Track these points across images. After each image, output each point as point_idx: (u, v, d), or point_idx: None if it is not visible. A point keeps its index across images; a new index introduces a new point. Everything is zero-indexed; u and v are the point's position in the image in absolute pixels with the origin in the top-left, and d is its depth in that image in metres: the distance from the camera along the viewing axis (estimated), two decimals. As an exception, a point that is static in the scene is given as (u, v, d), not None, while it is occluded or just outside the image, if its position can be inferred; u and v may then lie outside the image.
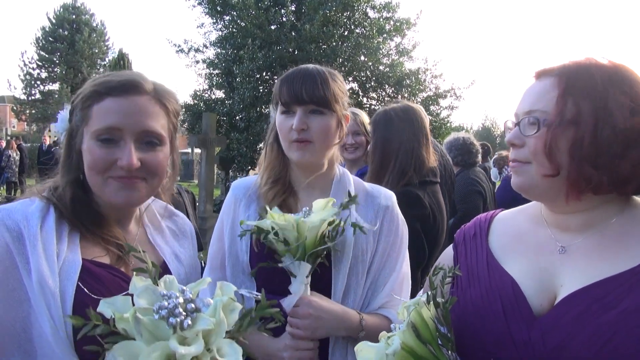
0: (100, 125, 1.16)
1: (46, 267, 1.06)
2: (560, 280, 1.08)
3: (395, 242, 1.59)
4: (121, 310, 0.90)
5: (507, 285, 1.11)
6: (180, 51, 16.65)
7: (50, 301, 1.04)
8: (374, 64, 16.05)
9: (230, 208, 1.64)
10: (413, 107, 2.56)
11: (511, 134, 1.13)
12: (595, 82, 1.03)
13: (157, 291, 0.93)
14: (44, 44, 34.66)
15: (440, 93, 16.52)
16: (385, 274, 1.57)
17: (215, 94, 16.78)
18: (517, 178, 1.13)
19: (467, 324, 1.12)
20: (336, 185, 1.61)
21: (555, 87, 1.06)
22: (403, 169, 2.39)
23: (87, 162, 1.17)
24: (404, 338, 1.04)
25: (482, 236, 1.26)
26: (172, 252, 1.37)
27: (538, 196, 1.15)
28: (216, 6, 15.87)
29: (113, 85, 1.18)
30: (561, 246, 1.12)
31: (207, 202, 8.81)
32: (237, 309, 0.97)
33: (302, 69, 1.54)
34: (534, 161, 1.08)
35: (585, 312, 0.99)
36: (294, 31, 14.96)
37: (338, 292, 1.48)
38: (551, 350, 1.00)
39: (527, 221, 1.24)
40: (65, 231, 1.15)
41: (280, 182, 1.58)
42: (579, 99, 1.03)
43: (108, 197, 1.18)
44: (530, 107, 1.09)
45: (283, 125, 1.52)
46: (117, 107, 1.17)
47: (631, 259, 1.02)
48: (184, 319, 0.88)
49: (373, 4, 16.31)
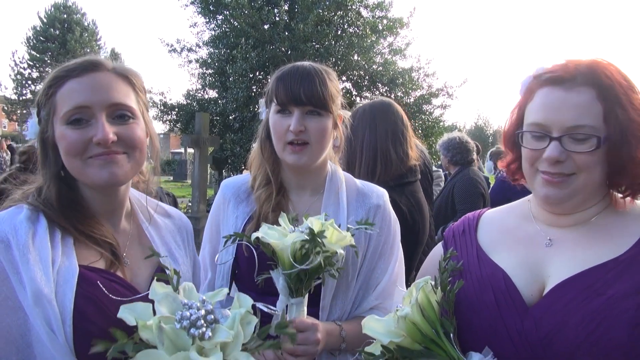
0: (68, 107, 1.12)
1: (41, 275, 1.05)
2: (548, 272, 1.12)
3: (387, 241, 1.58)
4: (142, 316, 0.91)
5: (498, 277, 1.15)
6: (172, 51, 16.57)
7: (47, 309, 1.03)
8: (367, 63, 16.06)
9: (219, 208, 1.63)
10: (385, 102, 2.43)
11: (554, 150, 1.08)
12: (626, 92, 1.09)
13: (178, 299, 0.95)
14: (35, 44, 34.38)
15: (433, 92, 16.56)
16: (377, 274, 1.54)
17: (208, 94, 16.71)
18: (561, 191, 1.11)
19: (461, 314, 1.15)
20: (329, 184, 1.58)
21: (596, 100, 1.08)
22: (369, 168, 2.27)
23: (63, 148, 1.14)
24: (412, 311, 1.07)
25: (470, 232, 1.30)
26: (168, 251, 1.35)
27: (571, 205, 1.15)
28: (209, 5, 15.80)
29: (72, 67, 1.16)
30: (549, 239, 1.17)
31: (201, 202, 8.78)
32: (253, 321, 0.98)
33: (299, 68, 1.48)
34: (583, 172, 1.09)
35: (575, 300, 1.04)
36: (287, 30, 14.93)
37: (327, 296, 1.45)
38: (544, 337, 1.04)
39: (515, 217, 1.28)
40: (58, 237, 1.13)
41: (273, 182, 1.54)
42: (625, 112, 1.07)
43: (92, 178, 1.14)
44: (576, 122, 1.07)
45: (278, 125, 1.47)
46: (80, 86, 1.14)
47: (614, 248, 1.08)
48: (205, 330, 0.89)
49: (366, 3, 16.32)
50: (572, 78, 1.09)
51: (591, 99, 1.07)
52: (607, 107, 1.06)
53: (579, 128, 1.07)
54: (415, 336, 1.07)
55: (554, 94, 1.10)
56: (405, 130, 2.37)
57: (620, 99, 1.07)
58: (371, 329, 1.11)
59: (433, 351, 1.06)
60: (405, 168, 2.34)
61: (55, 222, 1.14)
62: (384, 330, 1.09)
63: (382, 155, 2.29)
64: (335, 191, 1.55)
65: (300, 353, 1.31)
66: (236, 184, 1.63)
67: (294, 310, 1.33)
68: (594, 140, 1.06)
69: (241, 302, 0.99)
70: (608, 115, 1.06)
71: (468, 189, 4.43)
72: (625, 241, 1.09)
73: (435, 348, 1.06)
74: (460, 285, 1.12)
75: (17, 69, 34.19)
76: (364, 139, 2.32)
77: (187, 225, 1.47)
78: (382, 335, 1.08)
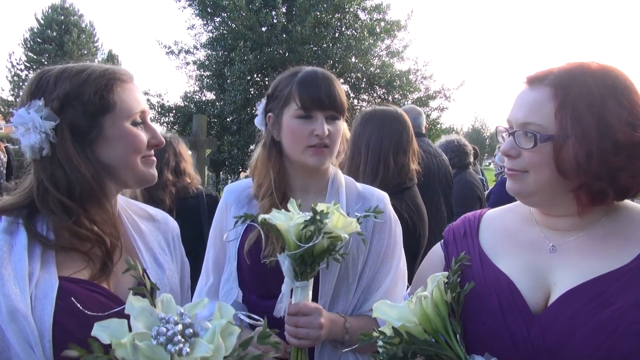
0: (136, 110, 1.23)
1: (16, 292, 1.02)
2: (553, 278, 1.10)
3: (389, 245, 1.58)
4: (117, 334, 0.87)
5: (502, 283, 1.13)
6: (170, 52, 16.55)
7: (24, 325, 1.00)
8: (364, 65, 16.08)
9: (222, 214, 1.63)
10: (395, 111, 2.47)
11: (506, 144, 1.14)
12: (592, 95, 1.04)
13: (155, 313, 0.91)
14: (32, 45, 34.27)
15: (431, 94, 16.59)
16: (380, 278, 1.55)
17: (206, 96, 16.70)
18: (514, 184, 1.14)
19: (463, 319, 1.14)
20: (330, 186, 1.59)
21: (551, 99, 1.06)
22: (372, 172, 2.31)
23: (132, 145, 1.21)
24: (426, 301, 1.07)
25: (472, 235, 1.28)
26: (152, 257, 1.32)
27: (534, 203, 1.16)
28: (207, 8, 15.80)
29: (122, 72, 1.25)
30: (552, 245, 1.14)
31: (198, 204, 8.77)
32: (236, 332, 0.95)
33: (318, 73, 1.52)
34: (532, 171, 1.09)
35: (583, 310, 1.01)
36: (285, 33, 14.93)
37: (325, 296, 1.46)
38: (551, 347, 1.02)
39: (517, 220, 1.25)
40: (39, 250, 1.10)
41: (280, 189, 1.54)
42: (579, 113, 1.03)
43: (144, 175, 1.25)
44: (526, 119, 1.09)
45: (300, 129, 1.48)
46: (137, 92, 1.26)
47: (621, 257, 1.05)
48: (182, 346, 0.86)
49: (364, 6, 16.35)
50: (544, 78, 1.10)
51: (545, 97, 1.07)
52: (557, 107, 1.05)
53: (528, 125, 1.08)
54: (427, 325, 1.06)
55: (522, 93, 1.14)
56: (409, 141, 2.41)
57: (576, 99, 1.03)
58: (383, 312, 1.10)
59: (441, 345, 1.05)
60: (404, 177, 2.37)
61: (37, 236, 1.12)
62: (397, 315, 1.08)
63: (385, 164, 2.33)
64: (336, 194, 1.56)
65: (303, 336, 1.33)
66: (238, 190, 1.64)
67: (299, 293, 1.34)
68: (534, 138, 1.07)
69: (222, 312, 0.95)
70: (558, 115, 1.05)
71: (465, 192, 4.45)
72: (631, 249, 1.06)
73: (443, 343, 1.05)
74: (471, 287, 1.11)
75: (14, 71, 34.06)
76: (369, 143, 2.36)
77: (173, 229, 1.46)
78: (394, 319, 1.07)
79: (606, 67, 1.09)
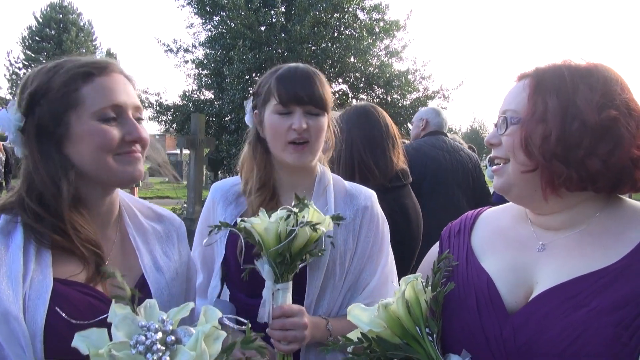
0: (104, 104, 1.13)
1: (8, 292, 1.01)
2: (536, 278, 1.09)
3: (376, 242, 1.57)
4: (96, 344, 0.85)
5: (482, 282, 1.13)
6: (169, 51, 16.57)
7: (15, 326, 0.99)
8: (363, 65, 16.10)
9: (209, 211, 1.63)
10: (359, 108, 2.36)
11: (490, 134, 1.18)
12: (564, 79, 1.05)
13: (137, 321, 0.89)
14: (31, 44, 34.21)
15: (429, 94, 16.61)
16: (365, 276, 1.54)
17: (204, 95, 16.70)
18: (498, 179, 1.16)
19: (443, 316, 1.13)
20: (317, 185, 1.59)
21: (527, 87, 1.10)
22: (348, 175, 2.17)
23: (97, 143, 1.12)
24: (397, 303, 1.06)
25: (465, 233, 1.28)
26: (153, 262, 1.29)
27: (517, 196, 1.15)
28: (205, 6, 15.81)
29: (96, 65, 1.16)
30: (541, 244, 1.13)
31: (196, 203, 8.75)
32: (221, 337, 0.92)
33: (298, 68, 1.52)
34: (512, 158, 1.11)
35: (555, 311, 1.00)
36: (284, 32, 14.94)
37: (311, 294, 1.45)
38: (521, 347, 1.01)
39: (511, 219, 1.25)
40: (33, 250, 1.09)
41: (267, 186, 1.55)
42: (547, 96, 1.05)
43: (119, 174, 1.16)
44: (506, 107, 1.13)
45: (279, 125, 1.48)
46: (112, 84, 1.16)
47: (608, 256, 1.02)
48: (162, 355, 0.84)
49: (363, 6, 16.38)
50: (529, 73, 1.13)
51: (522, 87, 1.11)
52: (529, 92, 1.08)
53: (506, 112, 1.12)
54: (396, 329, 1.06)
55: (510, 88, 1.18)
56: (384, 136, 2.27)
57: (546, 85, 1.06)
58: (355, 316, 1.10)
59: (412, 348, 1.04)
60: (389, 176, 2.25)
61: (33, 234, 1.10)
62: (368, 319, 1.08)
63: (360, 168, 2.23)
64: (324, 192, 1.56)
65: (291, 338, 1.32)
66: (224, 187, 1.64)
67: (280, 295, 1.34)
68: (506, 121, 1.11)
69: (207, 316, 0.93)
70: (529, 100, 1.07)
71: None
72: (619, 250, 1.02)
73: (415, 345, 1.04)
74: (451, 287, 1.10)
75: (12, 69, 34.00)
76: (341, 151, 2.22)
77: (179, 228, 1.43)
78: (364, 323, 1.07)
79: (592, 63, 1.09)
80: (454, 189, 3.46)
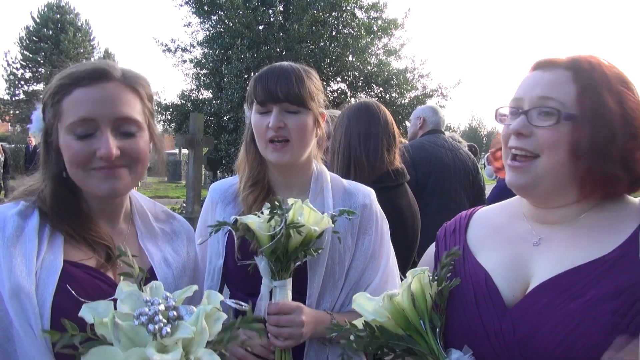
0: (74, 119, 1.13)
1: (22, 269, 1.05)
2: (532, 271, 1.10)
3: (377, 240, 1.57)
4: (102, 315, 0.89)
5: (480, 277, 1.14)
6: (167, 50, 16.53)
7: (26, 302, 1.03)
8: (361, 63, 16.09)
9: (207, 212, 1.64)
10: (361, 105, 2.36)
11: (518, 122, 1.08)
12: (610, 81, 1.05)
13: (141, 297, 0.93)
14: (28, 44, 34.08)
15: (428, 92, 16.61)
16: (368, 275, 1.54)
17: (202, 94, 16.68)
18: (521, 177, 1.10)
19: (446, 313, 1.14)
20: (314, 183, 1.59)
21: (571, 81, 1.06)
22: (344, 174, 2.16)
23: (67, 157, 1.15)
24: (402, 295, 1.07)
25: (460, 231, 1.29)
26: (162, 257, 1.33)
27: (537, 193, 1.12)
28: (203, 5, 15.77)
29: (80, 75, 1.16)
30: (538, 238, 1.14)
31: (195, 203, 8.76)
32: (222, 318, 0.96)
33: (276, 67, 1.51)
34: (545, 152, 1.06)
35: (552, 302, 1.01)
36: (282, 31, 14.92)
37: (313, 294, 1.46)
38: (520, 340, 1.02)
39: (506, 216, 1.26)
40: (47, 233, 1.14)
41: (260, 184, 1.55)
42: (601, 97, 1.03)
43: (92, 189, 1.17)
44: (545, 94, 1.06)
45: (259, 124, 1.49)
46: (87, 97, 1.14)
47: (602, 247, 1.04)
48: (163, 326, 0.87)
49: (361, 4, 16.35)
50: (556, 63, 1.10)
51: (565, 79, 1.07)
52: (580, 89, 1.05)
53: (547, 100, 1.06)
54: (400, 321, 1.07)
55: (534, 74, 1.13)
56: (380, 132, 2.26)
57: (597, 84, 1.04)
58: (360, 305, 1.11)
59: (415, 340, 1.05)
60: (380, 173, 2.24)
61: (48, 218, 1.16)
62: (372, 309, 1.09)
63: (355, 161, 2.24)
64: (321, 191, 1.55)
65: (287, 335, 1.33)
66: (223, 187, 1.64)
67: (278, 293, 1.35)
68: (557, 114, 1.04)
69: (210, 299, 0.97)
70: (580, 97, 1.04)
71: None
72: (613, 240, 1.04)
73: (417, 338, 1.06)
74: (457, 283, 1.11)
75: (10, 69, 33.86)
76: (340, 143, 2.29)
77: (188, 231, 1.47)
78: (368, 312, 1.08)
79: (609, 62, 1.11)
80: (457, 187, 3.47)
